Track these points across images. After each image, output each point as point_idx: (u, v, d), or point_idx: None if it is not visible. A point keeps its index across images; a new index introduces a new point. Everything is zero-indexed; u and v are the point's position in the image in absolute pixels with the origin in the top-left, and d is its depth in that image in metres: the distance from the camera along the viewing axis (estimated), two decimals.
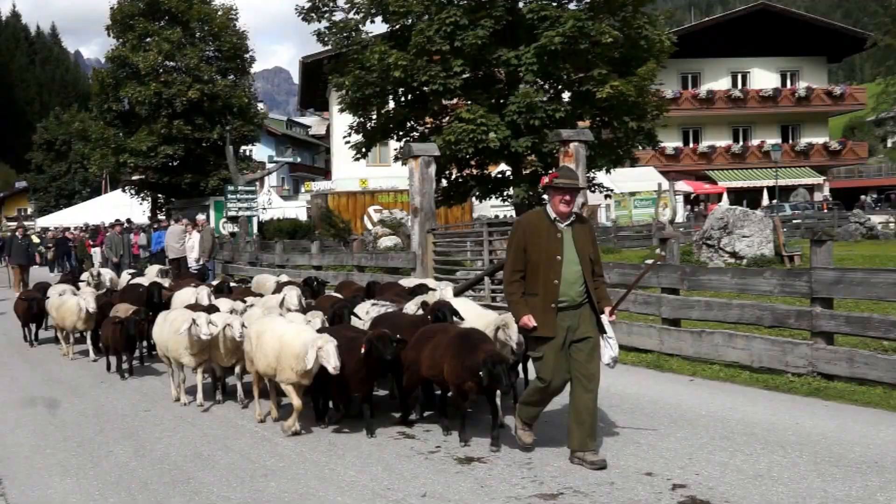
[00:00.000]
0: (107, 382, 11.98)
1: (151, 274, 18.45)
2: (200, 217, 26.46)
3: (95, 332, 13.67)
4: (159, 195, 42.85)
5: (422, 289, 11.91)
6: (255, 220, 34.95)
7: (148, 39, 39.24)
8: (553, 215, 7.08)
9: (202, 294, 12.71)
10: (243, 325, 9.43)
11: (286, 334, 8.44)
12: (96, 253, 30.69)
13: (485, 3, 24.03)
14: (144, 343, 13.23)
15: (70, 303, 13.82)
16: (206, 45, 40.98)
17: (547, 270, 6.96)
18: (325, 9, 25.66)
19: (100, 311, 13.62)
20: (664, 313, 11.78)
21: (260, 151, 57.64)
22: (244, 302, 12.13)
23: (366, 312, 10.56)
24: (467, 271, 17.64)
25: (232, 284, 16.45)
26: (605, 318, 7.09)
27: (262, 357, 8.58)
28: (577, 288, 7.02)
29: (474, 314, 9.53)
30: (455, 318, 9.25)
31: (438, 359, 7.92)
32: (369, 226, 39.48)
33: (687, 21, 71.67)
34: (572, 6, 24.52)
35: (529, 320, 6.95)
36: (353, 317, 10.33)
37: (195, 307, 11.16)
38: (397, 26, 25.07)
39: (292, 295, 11.54)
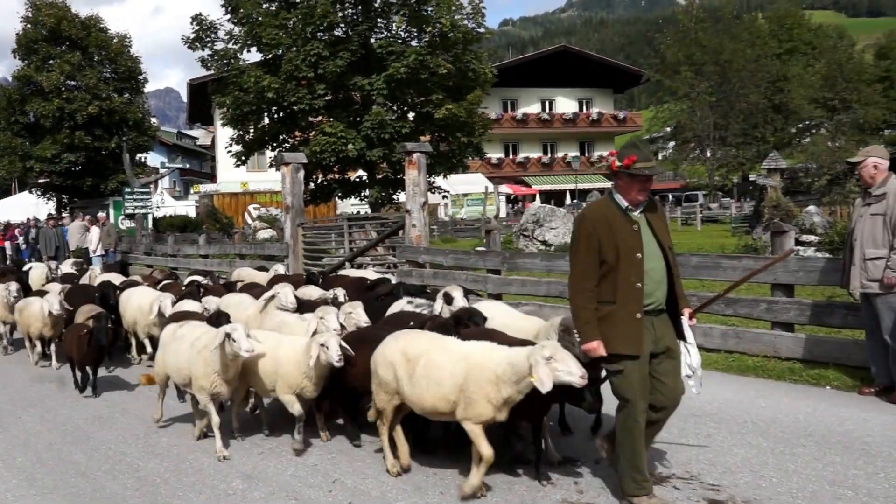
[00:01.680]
0: (14, 358, 11.24)
1: (66, 268, 16.21)
2: (101, 214, 25.27)
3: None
4: (64, 196, 40.95)
5: (384, 282, 10.09)
6: (150, 217, 33.77)
7: (51, 62, 37.50)
8: (624, 204, 4.82)
9: (165, 303, 9.24)
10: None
11: (474, 353, 5.19)
12: (7, 246, 28.72)
13: (343, 38, 24.13)
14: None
15: (34, 306, 10.17)
16: (103, 68, 39.37)
17: (626, 272, 4.69)
18: (208, 39, 25.07)
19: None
20: (489, 289, 11.94)
21: (153, 158, 55.80)
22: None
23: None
24: (331, 258, 17.47)
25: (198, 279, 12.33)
26: (685, 322, 5.05)
27: (433, 388, 5.19)
28: (664, 287, 4.85)
29: (515, 320, 6.94)
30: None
31: None
32: (249, 221, 38.76)
33: (506, 58, 72.91)
34: (414, 43, 24.65)
35: (599, 346, 4.68)
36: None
37: (208, 319, 7.86)
38: (270, 56, 24.68)
39: (287, 292, 8.33)
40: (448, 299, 7.59)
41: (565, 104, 63.30)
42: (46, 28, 37.42)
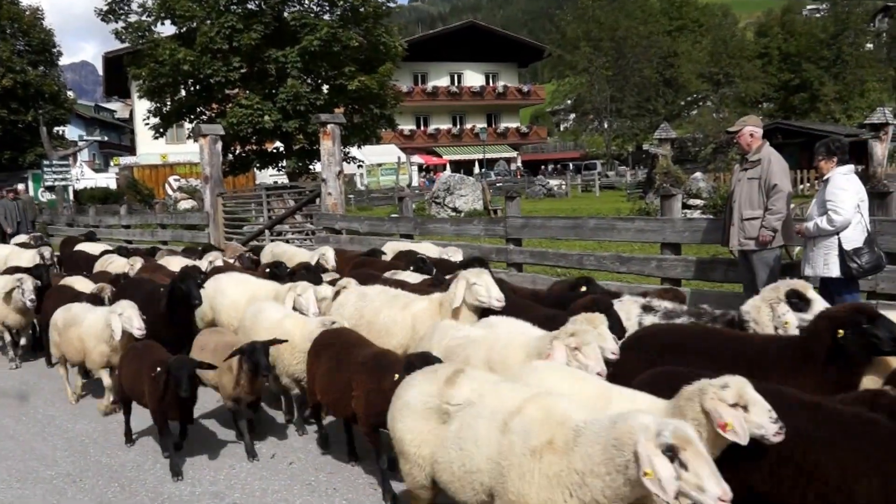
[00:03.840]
0: None
1: (20, 243, 13.73)
2: (20, 187, 24.21)
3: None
4: None
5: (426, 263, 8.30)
6: (70, 189, 32.59)
7: None
8: None
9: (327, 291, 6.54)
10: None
11: None
12: None
13: (256, 11, 23.72)
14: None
15: (95, 323, 6.25)
16: (16, 41, 37.70)
17: None
18: (121, 11, 24.25)
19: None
20: None
21: (71, 132, 53.82)
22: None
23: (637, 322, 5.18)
24: (251, 226, 17.21)
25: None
26: None
27: None
28: None
29: None
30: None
31: None
32: (170, 192, 37.77)
33: (416, 32, 72.36)
34: (326, 17, 24.31)
35: None
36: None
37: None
38: (184, 28, 23.97)
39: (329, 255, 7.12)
40: (798, 303, 4.27)
41: (473, 78, 63.35)
42: None
